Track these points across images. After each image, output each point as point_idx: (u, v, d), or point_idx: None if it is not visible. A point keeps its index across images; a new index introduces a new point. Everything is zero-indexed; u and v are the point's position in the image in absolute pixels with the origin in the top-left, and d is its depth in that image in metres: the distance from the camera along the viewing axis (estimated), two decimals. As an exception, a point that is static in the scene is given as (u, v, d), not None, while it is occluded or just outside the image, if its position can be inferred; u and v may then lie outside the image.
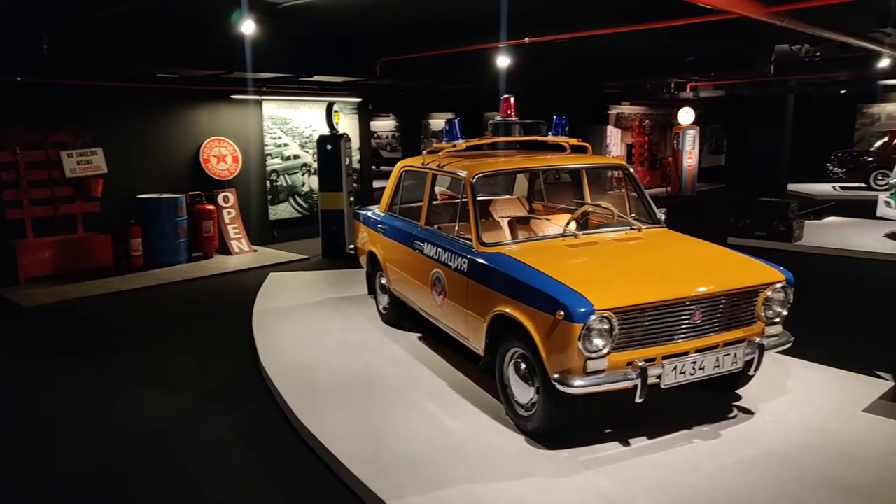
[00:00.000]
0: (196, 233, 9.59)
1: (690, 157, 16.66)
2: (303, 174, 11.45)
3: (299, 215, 11.49)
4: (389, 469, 3.58)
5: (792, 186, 16.46)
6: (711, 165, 21.19)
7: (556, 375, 3.57)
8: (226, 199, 10.17)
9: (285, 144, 11.20)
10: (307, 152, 11.42)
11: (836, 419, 4.15)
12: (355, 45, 9.26)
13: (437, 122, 23.29)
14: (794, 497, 3.32)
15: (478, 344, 4.30)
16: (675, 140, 16.82)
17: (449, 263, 4.59)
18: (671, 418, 4.11)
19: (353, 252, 7.01)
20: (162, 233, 9.04)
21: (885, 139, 16.60)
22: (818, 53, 9.90)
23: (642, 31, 6.96)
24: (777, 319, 4.07)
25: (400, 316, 5.97)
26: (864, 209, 10.85)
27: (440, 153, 5.28)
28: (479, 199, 4.64)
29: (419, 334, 5.80)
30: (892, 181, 9.94)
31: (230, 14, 6.28)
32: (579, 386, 3.51)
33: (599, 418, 4.14)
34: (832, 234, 10.75)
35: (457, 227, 4.70)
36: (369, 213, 6.33)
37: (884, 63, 10.84)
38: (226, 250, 9.93)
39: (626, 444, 3.85)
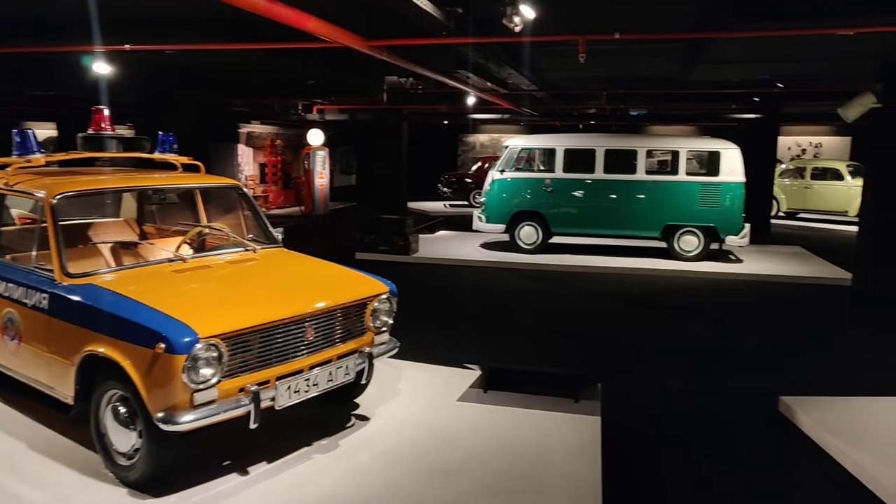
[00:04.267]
0: None
1: (322, 177, 17.38)
2: None
3: None
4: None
5: (411, 204, 18.41)
6: (344, 185, 22.51)
7: (160, 414, 3.25)
8: None
9: None
10: None
11: (436, 411, 4.67)
12: None
13: (40, 132, 19.89)
14: (402, 490, 3.60)
15: (66, 392, 3.69)
16: (306, 160, 17.38)
17: (24, 301, 3.85)
18: (291, 437, 4.11)
19: None
20: None
21: (479, 164, 19.77)
22: (420, 87, 11.24)
23: (256, 51, 6.95)
24: (384, 328, 4.40)
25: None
26: (467, 223, 12.65)
27: (8, 169, 4.41)
28: (70, 222, 4.05)
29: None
30: (482, 199, 11.80)
31: None
32: (187, 421, 3.26)
33: (216, 452, 3.92)
34: (442, 245, 12.32)
35: (34, 257, 3.97)
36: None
37: (471, 100, 12.88)
38: None
39: (245, 472, 3.72)
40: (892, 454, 3.97)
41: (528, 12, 5.31)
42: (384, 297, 4.34)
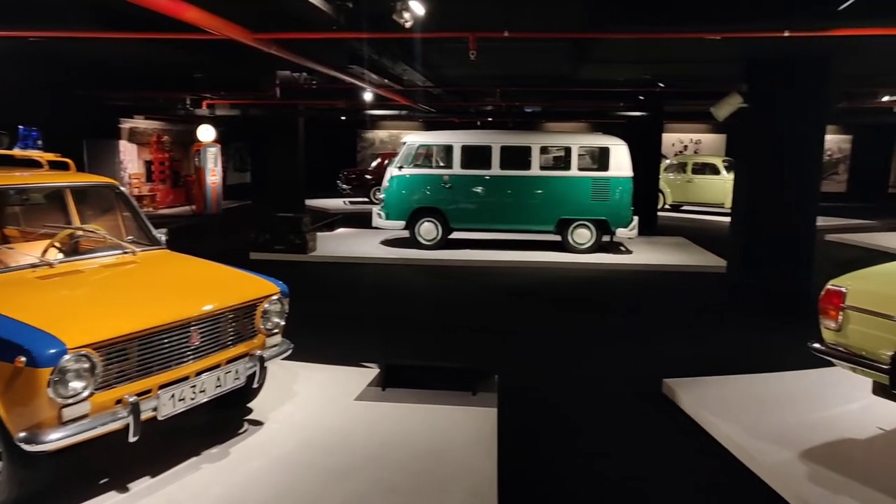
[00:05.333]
0: None
1: (214, 174, 16.68)
2: None
3: None
4: None
5: (309, 202, 18.01)
6: (238, 183, 21.73)
7: (21, 434, 2.99)
8: None
9: None
10: None
11: (333, 412, 4.58)
12: None
13: None
14: (298, 494, 3.50)
15: (-90, 415, 3.31)
16: (197, 157, 16.62)
17: None
18: (177, 448, 3.91)
19: None
20: None
21: (379, 160, 19.64)
22: (314, 82, 11.00)
23: (135, 41, 6.54)
24: (276, 330, 4.26)
25: None
26: (367, 220, 12.49)
27: None
28: None
29: None
30: (381, 196, 11.72)
31: None
32: (54, 440, 3.01)
33: (91, 469, 3.66)
34: (341, 243, 12.13)
35: None
36: None
37: (368, 96, 12.76)
38: None
39: (125, 490, 3.49)
40: (755, 425, 4.30)
41: (417, 8, 5.31)
42: (275, 297, 4.21)
